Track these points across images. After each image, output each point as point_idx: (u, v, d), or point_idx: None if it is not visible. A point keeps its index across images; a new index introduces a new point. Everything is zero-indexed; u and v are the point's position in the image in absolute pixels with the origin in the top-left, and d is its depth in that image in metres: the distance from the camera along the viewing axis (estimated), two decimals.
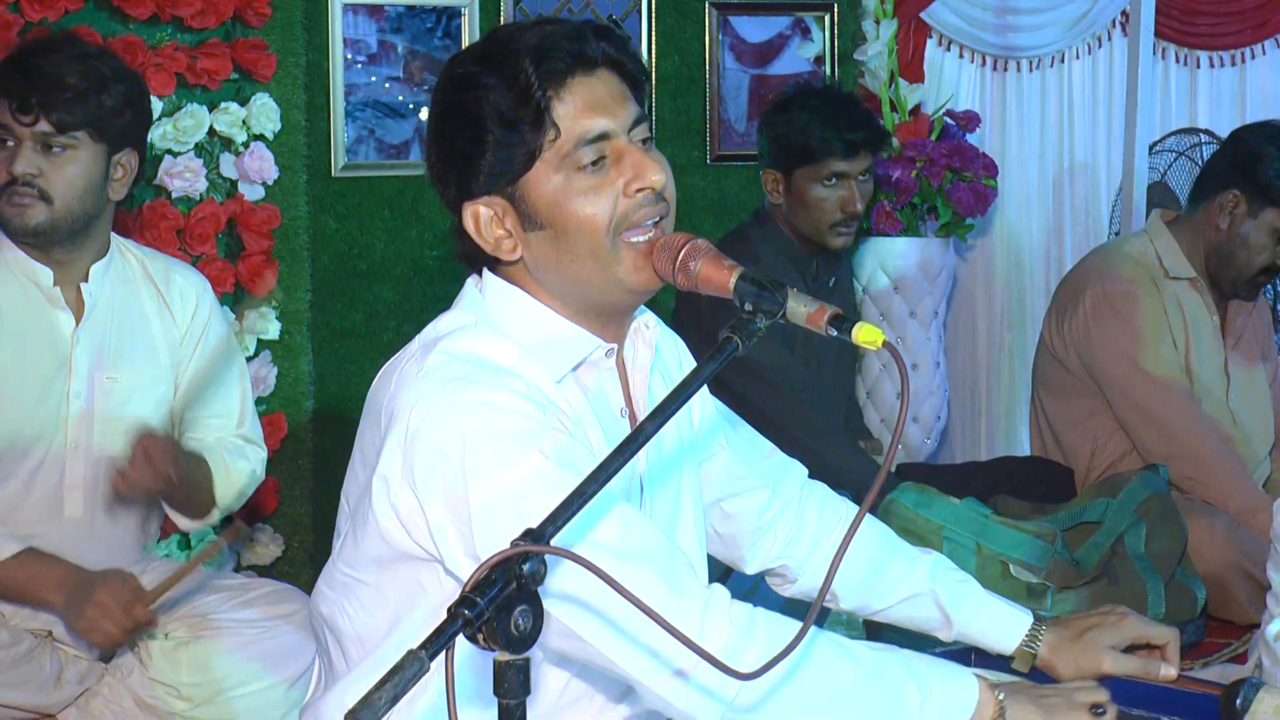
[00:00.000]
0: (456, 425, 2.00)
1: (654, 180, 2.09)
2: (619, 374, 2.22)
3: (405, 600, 2.12)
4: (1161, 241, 4.36)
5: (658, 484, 2.25)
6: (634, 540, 2.01)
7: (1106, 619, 2.40)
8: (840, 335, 1.86)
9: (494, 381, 2.04)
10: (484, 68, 2.09)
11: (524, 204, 2.11)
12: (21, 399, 3.30)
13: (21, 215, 3.21)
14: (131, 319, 3.42)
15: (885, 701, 2.07)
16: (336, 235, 4.87)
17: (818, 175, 4.15)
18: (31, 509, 3.31)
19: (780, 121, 4.21)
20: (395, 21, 4.90)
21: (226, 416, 3.51)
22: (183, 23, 4.24)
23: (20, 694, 3.24)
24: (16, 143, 3.20)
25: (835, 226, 4.18)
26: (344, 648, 2.20)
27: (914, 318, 5.55)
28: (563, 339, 2.15)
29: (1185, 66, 6.52)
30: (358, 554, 2.14)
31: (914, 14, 5.78)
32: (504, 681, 1.57)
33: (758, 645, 1.99)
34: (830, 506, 2.54)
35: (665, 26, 5.36)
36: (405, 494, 2.04)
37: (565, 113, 2.08)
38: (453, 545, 2.02)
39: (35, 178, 3.20)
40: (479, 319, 2.15)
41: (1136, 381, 4.26)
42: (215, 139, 4.33)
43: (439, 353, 2.08)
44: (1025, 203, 6.25)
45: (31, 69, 3.18)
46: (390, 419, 2.07)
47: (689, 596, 2.01)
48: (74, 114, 3.20)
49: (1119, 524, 3.62)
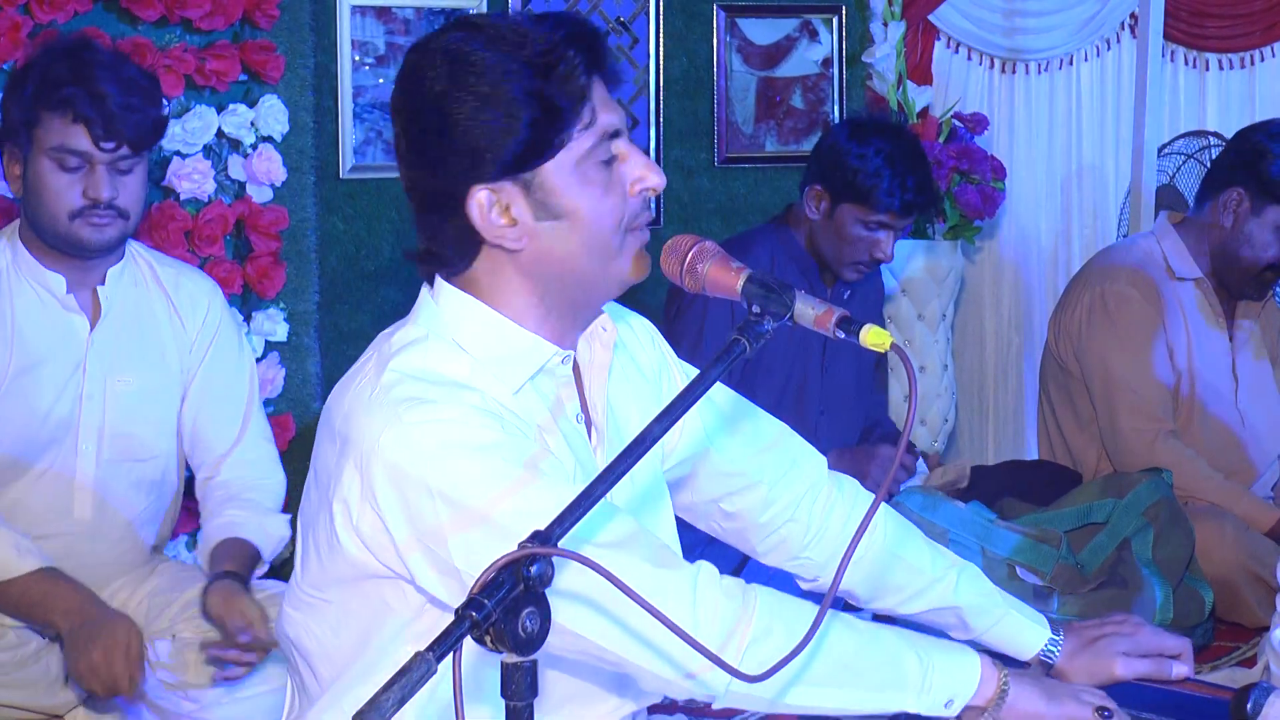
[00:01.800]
0: (415, 443, 1.97)
1: (656, 182, 2.09)
2: (574, 379, 2.19)
3: (372, 619, 2.09)
4: (1168, 242, 4.36)
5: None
6: (613, 529, 2.00)
7: (1121, 628, 2.39)
8: (848, 337, 1.86)
9: (449, 398, 2.01)
10: (505, 52, 2.02)
11: (540, 191, 2.06)
12: (36, 401, 3.31)
13: (102, 234, 3.27)
14: (144, 323, 3.44)
15: (886, 672, 2.07)
16: (344, 237, 4.87)
17: (864, 218, 4.08)
18: (41, 510, 3.32)
19: (850, 153, 4.08)
20: (403, 24, 4.90)
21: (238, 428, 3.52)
22: (191, 24, 4.25)
23: (27, 695, 3.25)
24: (90, 166, 3.23)
25: (858, 264, 4.15)
26: (314, 668, 2.17)
27: (922, 320, 5.55)
28: (518, 349, 2.11)
29: (1194, 69, 6.51)
30: (322, 575, 2.11)
31: (922, 16, 5.78)
32: (511, 683, 1.57)
33: (754, 614, 1.99)
34: (857, 508, 2.46)
35: (673, 28, 5.36)
36: (368, 516, 2.01)
37: (598, 101, 2.06)
38: (422, 563, 1.99)
39: (115, 199, 3.25)
40: (430, 332, 2.11)
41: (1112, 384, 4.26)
42: (223, 140, 4.34)
43: (391, 371, 2.04)
44: (1033, 205, 6.24)
45: (98, 96, 3.21)
46: (344, 442, 2.03)
47: (676, 570, 2.01)
48: (144, 136, 3.28)
49: (1124, 527, 3.62)
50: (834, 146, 4.14)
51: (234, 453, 3.51)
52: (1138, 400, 4.22)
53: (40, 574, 3.18)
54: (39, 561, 3.19)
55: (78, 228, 3.25)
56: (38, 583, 3.18)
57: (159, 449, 3.46)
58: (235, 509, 3.43)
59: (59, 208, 3.25)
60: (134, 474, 3.42)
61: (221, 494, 3.47)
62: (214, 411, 3.50)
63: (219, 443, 3.50)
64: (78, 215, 3.25)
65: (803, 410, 4.22)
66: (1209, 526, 3.91)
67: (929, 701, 2.08)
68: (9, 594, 3.18)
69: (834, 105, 5.65)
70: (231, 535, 3.38)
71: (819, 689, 2.05)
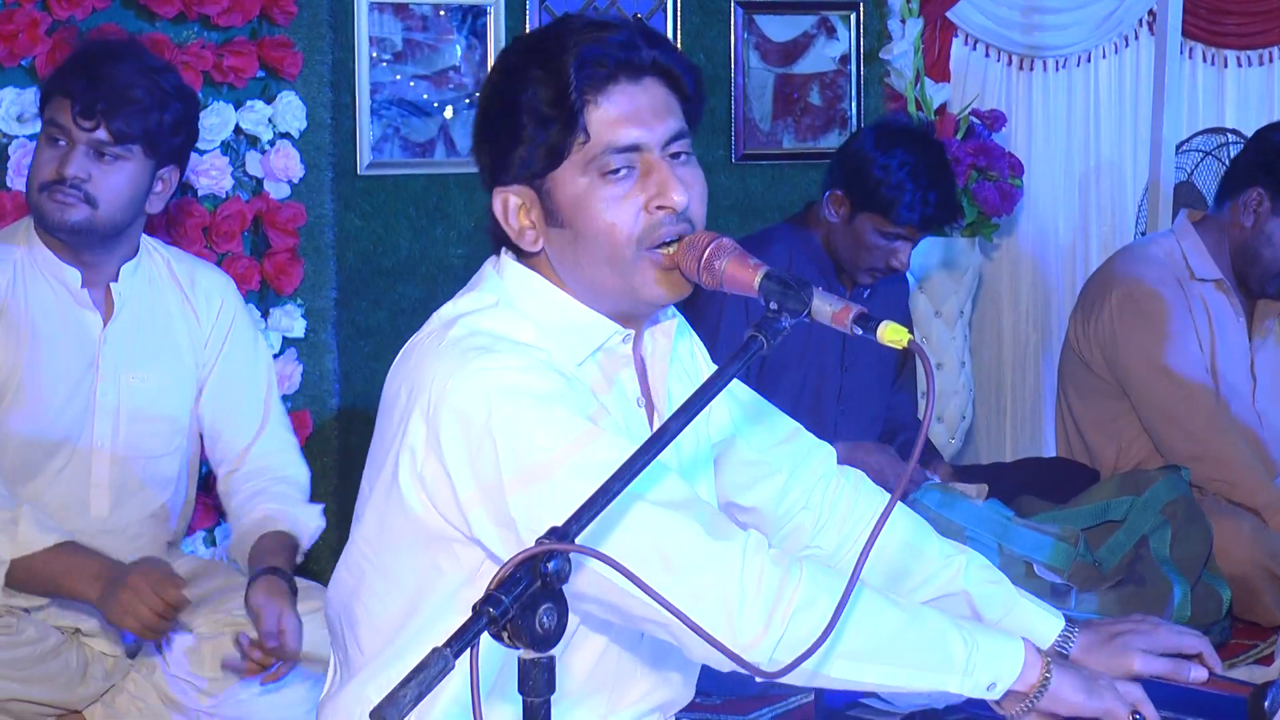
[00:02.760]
0: (480, 390, 2.02)
1: (676, 200, 2.09)
2: (635, 364, 2.23)
3: (421, 585, 2.12)
4: (1188, 242, 4.35)
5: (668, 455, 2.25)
6: (668, 491, 2.02)
7: (1139, 626, 2.39)
8: (866, 334, 1.86)
9: (515, 350, 2.07)
10: (531, 60, 2.10)
11: (549, 200, 2.12)
12: (50, 398, 3.32)
13: (62, 212, 3.24)
14: (157, 319, 3.44)
15: (931, 651, 2.07)
16: (361, 233, 4.87)
17: (883, 227, 4.08)
18: (57, 507, 3.32)
19: (875, 163, 4.09)
20: (421, 20, 4.90)
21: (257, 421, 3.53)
22: (209, 21, 4.25)
23: (46, 690, 3.26)
24: (69, 144, 3.23)
25: (873, 270, 4.14)
26: (359, 637, 2.20)
27: (939, 317, 5.54)
28: (581, 324, 2.16)
29: (1212, 66, 6.49)
30: (379, 533, 2.16)
31: (940, 13, 5.77)
32: (529, 679, 1.58)
33: (800, 583, 1.99)
34: (864, 496, 2.50)
35: (690, 25, 5.35)
36: (432, 464, 2.05)
37: (600, 118, 2.09)
38: (481, 514, 2.03)
39: (84, 181, 3.22)
40: (499, 299, 2.16)
41: (1160, 383, 4.24)
42: (241, 137, 4.34)
43: (459, 326, 2.11)
44: (1051, 202, 6.22)
45: (96, 75, 3.21)
46: (412, 391, 2.08)
47: (728, 539, 2.01)
48: (133, 127, 3.23)
49: (1142, 525, 3.62)
50: (858, 153, 4.13)
51: (256, 444, 3.51)
52: (1187, 393, 4.21)
53: (62, 547, 3.19)
54: (59, 536, 3.20)
55: (43, 201, 3.24)
56: (60, 556, 3.19)
57: (174, 444, 3.47)
58: (268, 502, 3.44)
59: (34, 179, 3.26)
60: (149, 470, 3.42)
61: (250, 487, 3.47)
62: (233, 405, 3.51)
63: (241, 436, 3.51)
64: (45, 188, 3.24)
65: (821, 408, 4.22)
66: (1227, 525, 3.91)
67: (972, 683, 2.07)
68: (34, 569, 3.18)
69: (851, 102, 5.64)
70: (270, 529, 3.38)
71: (861, 664, 2.05)
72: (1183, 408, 4.22)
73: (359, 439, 4.58)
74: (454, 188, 4.96)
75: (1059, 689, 2.10)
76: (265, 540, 3.36)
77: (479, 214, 4.98)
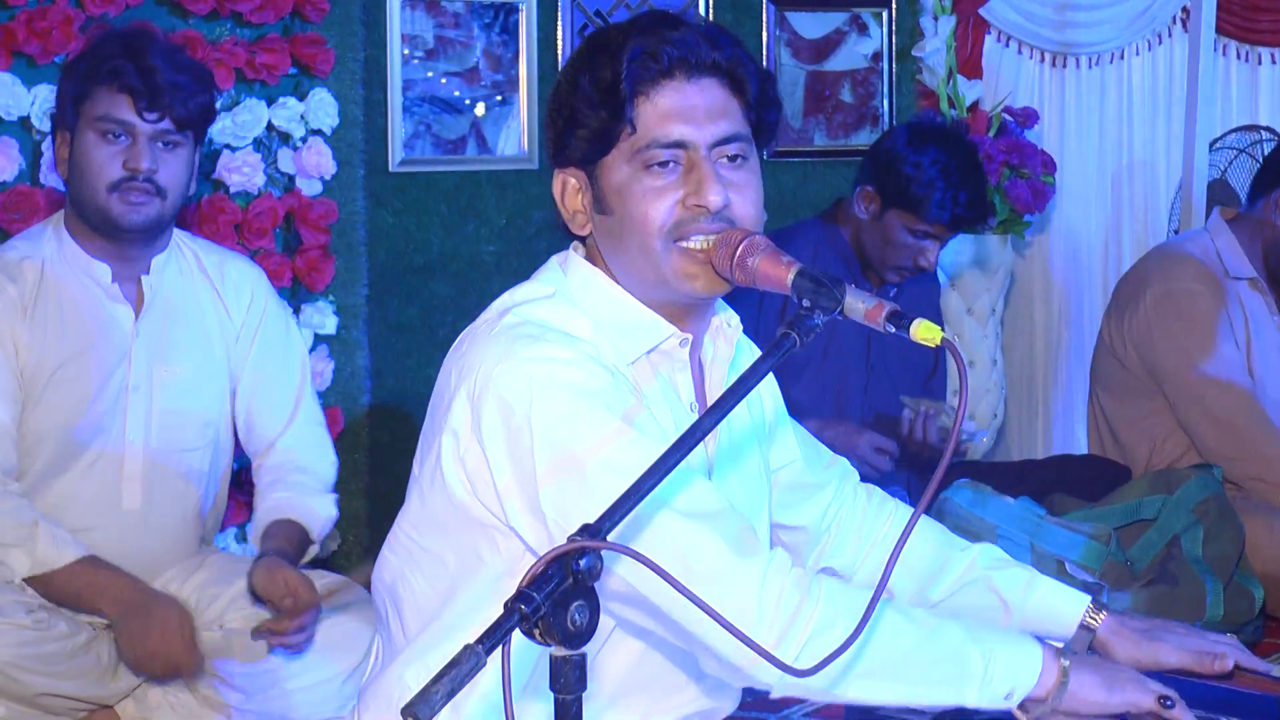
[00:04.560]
0: (524, 379, 2.04)
1: (711, 200, 2.11)
2: (692, 368, 2.24)
3: (463, 570, 2.14)
4: (1222, 240, 4.33)
5: (727, 467, 2.27)
6: (698, 501, 2.03)
7: (1170, 624, 2.39)
8: (899, 331, 1.86)
9: (565, 341, 2.09)
10: (596, 49, 2.16)
11: (598, 185, 2.17)
12: (82, 392, 3.33)
13: (138, 211, 3.28)
14: (189, 312, 3.45)
15: (947, 667, 2.07)
16: (393, 230, 4.88)
17: (912, 225, 4.06)
18: (90, 501, 3.34)
19: (906, 160, 4.05)
20: (453, 17, 4.91)
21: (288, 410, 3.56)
22: (242, 18, 4.26)
23: (78, 685, 3.26)
24: (132, 138, 3.26)
25: (900, 269, 4.13)
26: (403, 618, 2.22)
27: (971, 315, 5.53)
28: (639, 322, 2.18)
29: (1246, 63, 6.47)
30: (423, 515, 2.18)
31: (973, 10, 5.76)
32: (560, 676, 1.58)
33: (819, 606, 1.99)
34: (877, 503, 2.54)
35: (722, 22, 5.34)
36: (473, 448, 2.08)
37: (648, 112, 2.13)
38: (516, 501, 2.05)
39: (155, 174, 3.26)
40: (557, 291, 2.19)
41: (1199, 381, 4.22)
42: (273, 134, 4.35)
43: (514, 314, 2.14)
44: (1084, 200, 6.21)
45: (147, 67, 3.25)
46: (461, 374, 2.11)
47: (751, 556, 2.02)
48: (190, 115, 3.30)
49: (1174, 524, 3.60)
50: (890, 150, 4.12)
51: (285, 435, 3.54)
52: (1227, 392, 4.19)
53: (80, 564, 3.22)
54: (77, 552, 3.22)
55: (114, 202, 3.27)
56: (79, 573, 3.21)
57: (206, 438, 3.48)
58: (282, 491, 3.47)
59: (99, 180, 3.26)
60: (182, 464, 3.44)
61: (270, 477, 3.51)
62: (266, 396, 3.54)
63: (271, 426, 3.53)
64: (115, 188, 3.26)
65: (845, 411, 4.21)
66: (1259, 523, 3.89)
67: (989, 694, 2.07)
68: (53, 586, 3.22)
69: (883, 100, 5.64)
70: (280, 517, 3.43)
71: (876, 682, 2.05)
72: (1222, 407, 4.20)
73: (390, 435, 4.59)
74: (485, 185, 4.97)
75: (1078, 689, 2.09)
76: (273, 528, 3.41)
77: (510, 211, 4.99)
